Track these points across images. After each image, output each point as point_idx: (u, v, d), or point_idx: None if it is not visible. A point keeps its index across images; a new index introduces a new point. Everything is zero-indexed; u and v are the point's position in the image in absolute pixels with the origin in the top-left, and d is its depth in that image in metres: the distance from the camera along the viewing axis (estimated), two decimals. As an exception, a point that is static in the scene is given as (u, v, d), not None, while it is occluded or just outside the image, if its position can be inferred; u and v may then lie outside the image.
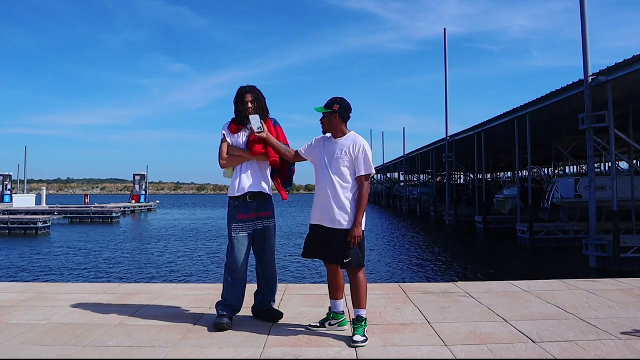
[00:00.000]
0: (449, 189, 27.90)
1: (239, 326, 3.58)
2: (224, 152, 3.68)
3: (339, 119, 3.42)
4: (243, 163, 3.67)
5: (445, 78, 27.52)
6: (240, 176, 3.64)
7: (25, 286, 5.28)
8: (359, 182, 3.36)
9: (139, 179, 47.03)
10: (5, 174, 42.71)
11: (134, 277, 12.14)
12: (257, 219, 3.63)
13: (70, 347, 3.18)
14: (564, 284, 5.11)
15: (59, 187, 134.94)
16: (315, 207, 3.45)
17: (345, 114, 3.44)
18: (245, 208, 3.61)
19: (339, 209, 3.31)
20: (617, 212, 12.25)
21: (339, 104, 3.42)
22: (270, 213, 3.70)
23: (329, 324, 3.49)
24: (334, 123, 3.43)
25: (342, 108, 3.42)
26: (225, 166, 3.75)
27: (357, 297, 3.33)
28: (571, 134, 18.65)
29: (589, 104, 12.31)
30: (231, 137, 3.72)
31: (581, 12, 12.46)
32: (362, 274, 3.36)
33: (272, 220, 3.71)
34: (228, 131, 3.72)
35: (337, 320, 3.51)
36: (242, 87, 3.73)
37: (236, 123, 3.72)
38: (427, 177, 49.33)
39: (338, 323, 3.51)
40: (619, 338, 3.25)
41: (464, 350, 3.05)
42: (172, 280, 11.22)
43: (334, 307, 3.52)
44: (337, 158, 3.36)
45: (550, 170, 33.61)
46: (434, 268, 13.78)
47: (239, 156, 3.66)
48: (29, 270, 13.23)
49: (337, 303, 3.52)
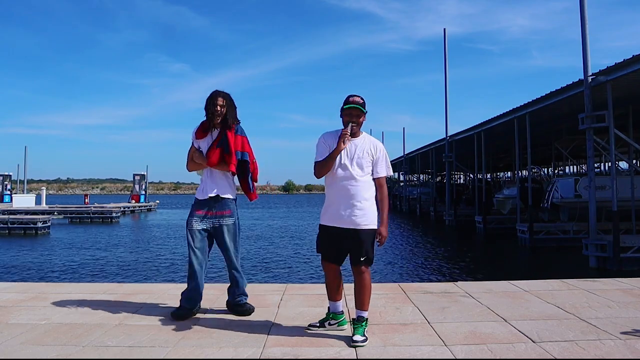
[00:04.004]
0: (449, 189, 27.91)
1: (239, 326, 3.59)
2: (189, 157, 3.94)
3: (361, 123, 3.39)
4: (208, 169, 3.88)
5: (445, 78, 27.57)
6: (206, 181, 3.90)
7: (25, 286, 5.28)
8: (379, 183, 3.39)
9: (139, 179, 47.02)
10: (5, 174, 42.73)
11: (133, 277, 12.14)
12: (214, 217, 3.84)
13: (70, 347, 3.18)
14: (564, 284, 5.11)
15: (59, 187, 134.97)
16: (332, 207, 3.34)
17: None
18: (204, 206, 3.85)
19: (361, 209, 3.28)
20: (617, 212, 12.25)
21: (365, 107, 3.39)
22: (228, 212, 3.86)
23: (328, 324, 3.50)
24: (361, 124, 3.39)
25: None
26: (190, 171, 3.98)
27: (362, 298, 3.33)
28: (571, 134, 18.66)
29: (589, 104, 12.31)
30: (196, 143, 3.93)
31: (581, 12, 12.46)
32: (369, 275, 3.34)
33: (230, 220, 3.87)
34: (194, 136, 3.92)
35: (336, 320, 3.51)
36: (216, 91, 3.88)
37: (203, 129, 3.90)
38: (427, 177, 49.31)
39: (338, 323, 3.51)
40: (619, 338, 3.25)
41: (464, 350, 3.05)
42: (172, 280, 11.21)
43: (334, 309, 3.52)
44: (359, 158, 3.32)
45: (550, 170, 33.61)
46: (434, 268, 13.78)
47: (200, 164, 3.89)
48: (29, 270, 13.23)
49: (336, 304, 3.52)
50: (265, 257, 15.30)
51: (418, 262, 14.81)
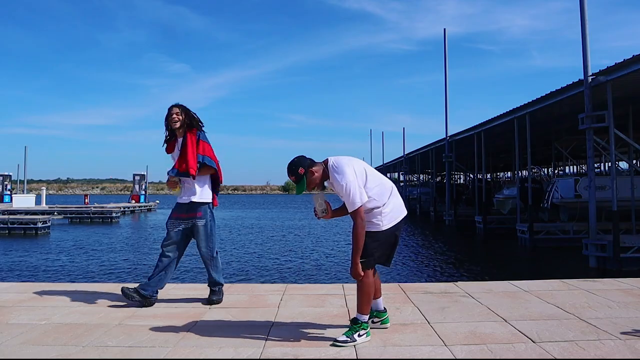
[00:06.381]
0: (449, 189, 27.91)
1: (239, 326, 3.59)
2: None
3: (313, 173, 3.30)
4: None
5: (445, 78, 27.55)
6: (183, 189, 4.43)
7: (25, 286, 5.28)
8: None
9: (139, 179, 46.95)
10: (5, 174, 42.64)
11: (134, 277, 12.13)
12: (187, 218, 4.36)
13: (70, 347, 3.18)
14: (564, 284, 5.11)
15: (59, 187, 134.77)
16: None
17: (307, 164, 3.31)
18: (180, 210, 4.41)
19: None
20: (617, 212, 12.24)
21: (297, 165, 3.32)
22: (199, 214, 4.36)
23: (372, 322, 3.46)
24: (314, 179, 3.31)
25: (302, 164, 3.31)
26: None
27: (356, 300, 3.31)
28: (571, 134, 18.63)
29: (589, 104, 12.31)
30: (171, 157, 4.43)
31: (581, 12, 12.45)
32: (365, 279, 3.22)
33: (201, 220, 4.37)
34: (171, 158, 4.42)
35: (379, 318, 3.49)
36: (171, 105, 4.38)
37: (168, 141, 4.43)
38: (427, 177, 49.33)
39: (381, 321, 3.49)
40: (619, 338, 3.25)
41: (464, 351, 3.05)
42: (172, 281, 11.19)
43: (375, 306, 3.47)
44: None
45: (550, 170, 33.61)
46: (434, 268, 13.78)
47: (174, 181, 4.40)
48: (29, 270, 13.22)
49: (376, 302, 3.47)
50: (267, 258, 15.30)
51: (418, 262, 14.80)
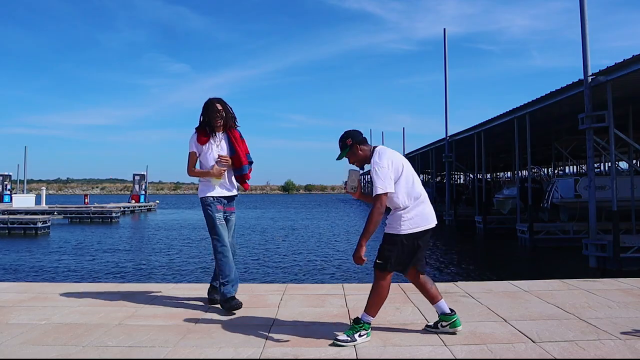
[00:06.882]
0: (449, 189, 27.91)
1: (239, 326, 3.59)
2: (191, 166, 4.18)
3: (359, 149, 3.41)
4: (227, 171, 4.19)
5: (445, 78, 27.53)
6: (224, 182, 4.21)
7: (25, 286, 5.28)
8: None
9: (139, 179, 46.96)
10: (5, 174, 42.70)
11: (133, 277, 12.13)
12: (226, 211, 4.23)
13: (70, 347, 3.18)
14: (564, 284, 5.11)
15: (58, 187, 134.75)
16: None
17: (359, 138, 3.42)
18: (220, 202, 4.20)
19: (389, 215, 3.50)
20: (617, 212, 12.24)
21: (349, 136, 3.41)
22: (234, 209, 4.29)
23: (441, 326, 3.39)
24: (357, 155, 3.42)
25: (354, 137, 3.40)
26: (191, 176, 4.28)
27: (367, 300, 3.32)
28: (571, 134, 18.63)
29: (589, 104, 12.31)
30: (200, 149, 4.14)
31: (581, 12, 12.45)
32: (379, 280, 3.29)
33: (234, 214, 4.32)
34: (197, 144, 4.13)
35: (448, 321, 3.37)
36: (211, 97, 4.15)
37: (204, 134, 4.12)
38: (427, 177, 49.33)
39: (450, 324, 3.37)
40: (619, 338, 3.25)
41: (464, 350, 3.05)
42: (172, 281, 11.22)
43: (439, 310, 3.41)
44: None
45: (550, 170, 33.61)
46: (434, 268, 13.77)
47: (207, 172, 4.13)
48: (28, 270, 13.22)
49: (439, 305, 3.41)
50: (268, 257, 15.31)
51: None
